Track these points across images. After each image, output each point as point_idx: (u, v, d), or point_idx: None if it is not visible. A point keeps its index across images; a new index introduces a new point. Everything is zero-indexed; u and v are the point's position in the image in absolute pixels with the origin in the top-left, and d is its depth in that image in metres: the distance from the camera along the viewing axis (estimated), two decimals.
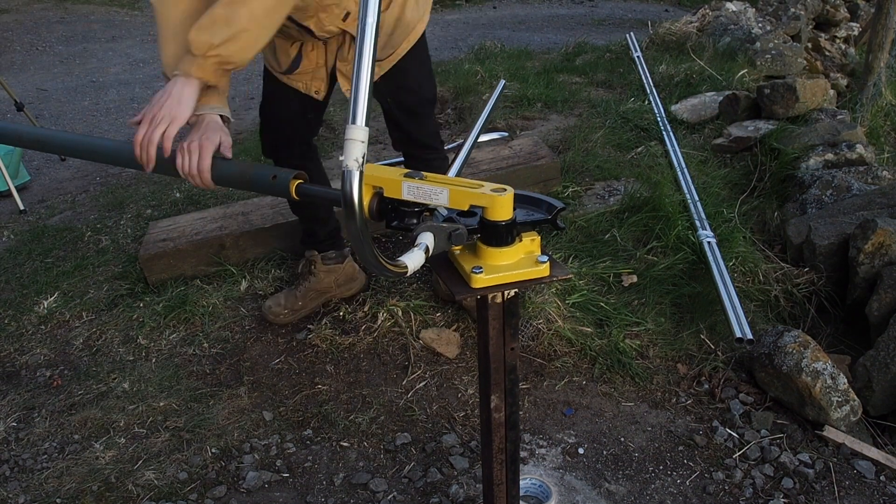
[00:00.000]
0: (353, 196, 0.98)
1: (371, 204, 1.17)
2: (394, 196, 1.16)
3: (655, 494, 1.91)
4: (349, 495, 1.93)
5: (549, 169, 3.23)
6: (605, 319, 2.48)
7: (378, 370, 2.36)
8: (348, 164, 0.97)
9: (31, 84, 6.83)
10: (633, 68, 5.18)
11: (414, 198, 1.15)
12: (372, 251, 1.03)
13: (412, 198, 1.15)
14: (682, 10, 9.96)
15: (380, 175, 1.17)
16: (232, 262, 2.84)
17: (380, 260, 1.05)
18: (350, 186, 0.97)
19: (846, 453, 2.03)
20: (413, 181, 1.14)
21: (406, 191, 1.15)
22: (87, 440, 2.14)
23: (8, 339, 2.65)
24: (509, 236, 1.16)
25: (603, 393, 2.26)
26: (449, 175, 1.30)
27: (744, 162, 3.68)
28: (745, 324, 2.36)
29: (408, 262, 1.08)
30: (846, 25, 7.04)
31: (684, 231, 2.89)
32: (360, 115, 0.97)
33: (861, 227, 2.60)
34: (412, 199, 1.15)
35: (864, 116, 4.51)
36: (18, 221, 3.78)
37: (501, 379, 1.31)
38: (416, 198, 1.15)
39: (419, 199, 1.15)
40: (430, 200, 1.14)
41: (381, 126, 4.52)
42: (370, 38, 0.97)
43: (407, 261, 1.08)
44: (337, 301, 2.61)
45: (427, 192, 1.14)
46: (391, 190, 1.16)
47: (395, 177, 1.16)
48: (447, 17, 10.32)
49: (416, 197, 1.15)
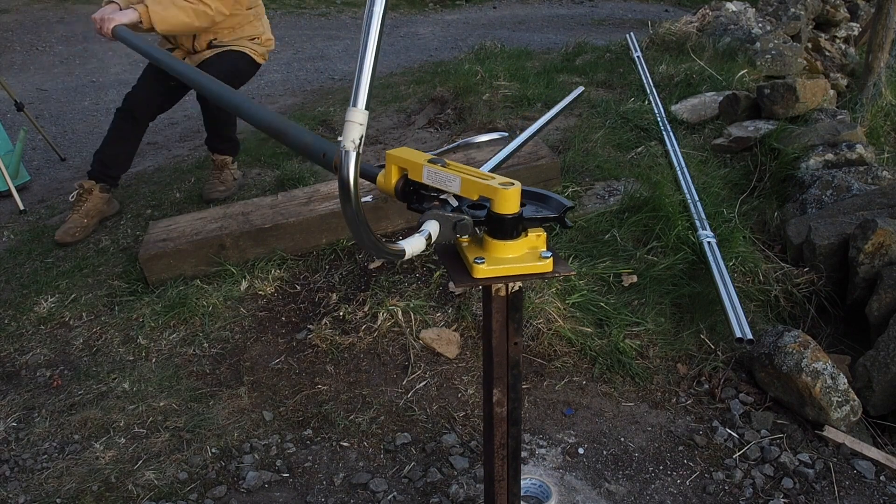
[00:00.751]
0: (349, 178, 0.97)
1: (397, 184, 1.20)
2: (416, 179, 1.19)
3: (655, 494, 1.91)
4: (349, 495, 1.93)
5: (549, 169, 3.23)
6: (605, 319, 2.48)
7: (378, 370, 2.36)
8: (346, 146, 0.97)
9: (31, 84, 6.83)
10: (633, 68, 5.18)
11: (432, 182, 1.18)
12: (368, 233, 1.03)
13: (430, 182, 1.18)
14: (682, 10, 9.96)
15: (408, 157, 1.20)
16: (232, 262, 2.84)
17: (376, 241, 1.05)
18: (347, 168, 0.97)
19: (846, 453, 2.03)
20: (434, 167, 1.17)
21: (426, 175, 1.18)
22: (87, 440, 2.14)
23: (8, 339, 2.65)
24: (515, 230, 1.17)
25: (603, 393, 2.26)
26: (483, 169, 1.31)
27: (744, 162, 3.68)
28: (745, 324, 2.36)
29: (406, 246, 1.09)
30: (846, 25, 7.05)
31: (684, 231, 2.89)
32: (361, 98, 0.97)
33: (861, 227, 2.60)
34: (430, 183, 1.18)
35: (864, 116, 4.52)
36: (18, 221, 3.78)
37: (504, 373, 1.31)
38: (434, 183, 1.18)
39: (436, 185, 1.18)
40: (445, 186, 1.16)
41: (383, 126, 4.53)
42: (376, 26, 0.98)
43: (405, 245, 1.09)
44: (336, 300, 2.61)
45: (443, 178, 1.16)
46: (414, 173, 1.19)
47: (419, 160, 1.19)
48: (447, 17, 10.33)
49: (434, 182, 1.17)
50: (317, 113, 4.94)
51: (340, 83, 6.78)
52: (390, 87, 5.59)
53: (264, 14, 3.46)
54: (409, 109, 4.82)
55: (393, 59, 7.59)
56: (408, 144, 4.06)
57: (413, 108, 4.86)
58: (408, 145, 4.04)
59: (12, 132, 4.65)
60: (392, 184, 1.21)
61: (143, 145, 5.18)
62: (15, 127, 5.03)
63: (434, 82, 5.22)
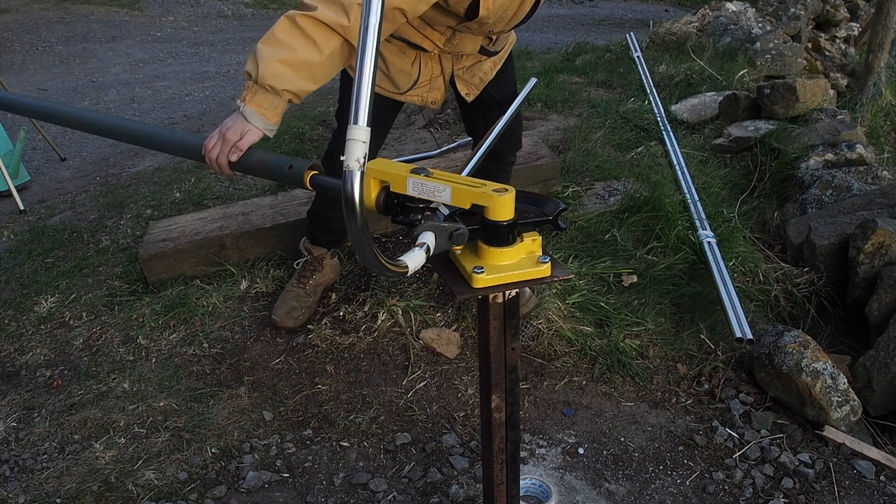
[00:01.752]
0: (354, 196, 0.98)
1: (378, 198, 1.17)
2: (400, 191, 1.17)
3: (655, 494, 1.91)
4: (349, 495, 1.93)
5: (549, 169, 3.23)
6: (605, 319, 2.48)
7: (378, 370, 2.36)
8: (349, 164, 0.97)
9: (31, 84, 6.83)
10: (633, 68, 5.18)
11: (418, 194, 1.15)
12: (372, 251, 1.03)
13: (416, 194, 1.15)
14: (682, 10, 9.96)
15: (387, 170, 1.18)
16: (232, 262, 2.84)
17: (380, 260, 1.05)
18: (351, 186, 0.97)
19: (846, 453, 2.03)
20: (418, 177, 1.15)
21: (411, 187, 1.15)
22: (87, 440, 2.14)
23: (8, 339, 2.65)
24: (510, 236, 1.16)
25: (603, 393, 2.26)
26: (462, 174, 1.30)
27: (744, 162, 3.68)
28: (745, 324, 2.36)
29: (408, 261, 1.08)
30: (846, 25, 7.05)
31: (684, 231, 2.89)
32: (362, 116, 0.97)
33: (861, 227, 2.60)
34: (416, 195, 1.15)
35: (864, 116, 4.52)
36: (18, 221, 3.78)
37: (502, 379, 1.31)
38: (421, 194, 1.15)
39: (423, 196, 1.15)
40: (433, 197, 1.14)
41: None
42: (373, 39, 0.97)
43: (408, 260, 1.08)
44: (336, 300, 2.61)
45: (431, 188, 1.14)
46: (397, 185, 1.17)
47: (401, 172, 1.16)
48: None
49: (421, 193, 1.15)
50: (316, 113, 4.94)
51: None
52: None
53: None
54: (409, 109, 4.82)
55: None
56: (408, 144, 4.05)
57: (413, 107, 4.85)
58: (408, 145, 4.04)
59: (12, 132, 4.65)
60: (373, 198, 1.17)
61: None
62: (15, 127, 5.04)
63: None
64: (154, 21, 9.69)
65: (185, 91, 6.61)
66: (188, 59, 7.87)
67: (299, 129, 4.40)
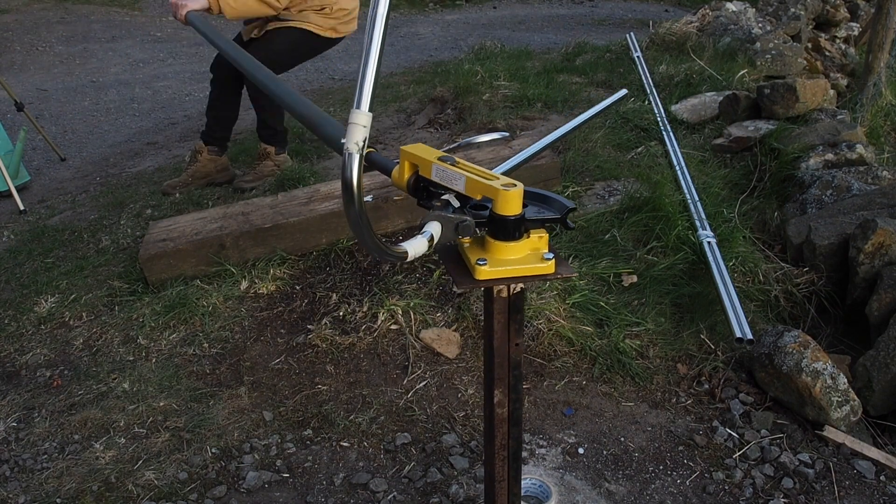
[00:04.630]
0: (353, 180, 0.98)
1: (410, 179, 1.21)
2: (426, 176, 1.20)
3: (655, 494, 1.91)
4: (349, 495, 1.93)
5: (549, 169, 3.23)
6: (605, 319, 2.48)
7: (378, 370, 2.36)
8: (349, 147, 0.97)
9: (31, 84, 6.83)
10: (633, 68, 5.18)
11: (440, 180, 1.18)
12: (371, 235, 1.03)
13: (438, 180, 1.18)
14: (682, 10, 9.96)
15: (419, 154, 1.20)
16: (232, 262, 2.84)
17: (379, 243, 1.05)
18: (350, 170, 0.98)
19: (846, 453, 2.03)
20: (443, 164, 1.17)
21: (435, 172, 1.18)
22: (87, 440, 2.14)
23: (8, 339, 2.65)
24: (517, 231, 1.16)
25: (603, 393, 2.26)
26: (496, 171, 1.31)
27: (744, 162, 3.68)
28: (745, 324, 2.36)
29: (408, 247, 1.09)
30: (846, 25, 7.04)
31: (684, 231, 2.89)
32: (365, 100, 0.98)
33: (861, 227, 2.60)
34: (438, 181, 1.18)
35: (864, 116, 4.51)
36: (18, 221, 3.78)
37: (505, 374, 1.31)
38: (442, 180, 1.18)
39: (443, 182, 1.18)
40: (451, 185, 1.16)
41: (383, 126, 4.53)
42: (380, 28, 0.98)
43: (408, 246, 1.09)
44: (336, 300, 2.61)
45: (450, 176, 1.16)
46: (424, 169, 1.20)
47: (429, 157, 1.19)
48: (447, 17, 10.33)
49: (442, 180, 1.18)
50: None
51: (340, 83, 6.79)
52: (390, 87, 5.59)
53: None
54: (410, 109, 4.83)
55: (393, 59, 7.59)
56: (408, 144, 4.05)
57: (413, 107, 4.86)
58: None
59: (12, 132, 4.65)
60: (405, 179, 1.22)
61: (143, 145, 5.20)
62: (15, 127, 5.04)
63: (434, 82, 5.22)
64: (154, 21, 9.70)
65: (185, 91, 6.61)
66: (188, 59, 7.88)
67: (299, 128, 4.40)
